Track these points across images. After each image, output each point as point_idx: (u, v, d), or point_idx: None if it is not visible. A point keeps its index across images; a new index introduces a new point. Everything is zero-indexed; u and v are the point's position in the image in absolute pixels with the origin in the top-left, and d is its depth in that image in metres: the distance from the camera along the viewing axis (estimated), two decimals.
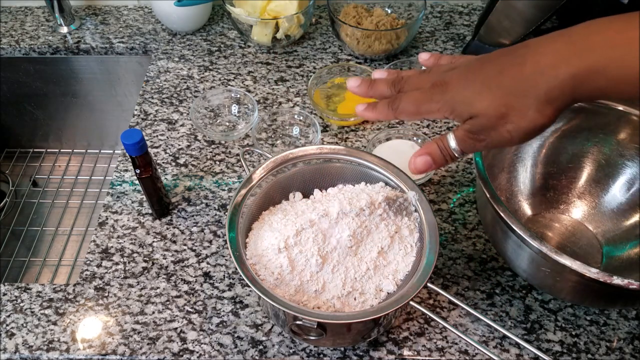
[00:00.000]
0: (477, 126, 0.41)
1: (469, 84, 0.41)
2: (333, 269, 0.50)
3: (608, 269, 0.58)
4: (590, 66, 0.36)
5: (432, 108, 0.42)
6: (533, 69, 0.38)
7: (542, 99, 0.37)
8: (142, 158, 0.60)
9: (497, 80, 0.39)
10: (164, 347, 0.56)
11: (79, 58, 0.93)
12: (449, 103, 0.42)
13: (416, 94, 0.44)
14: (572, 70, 0.36)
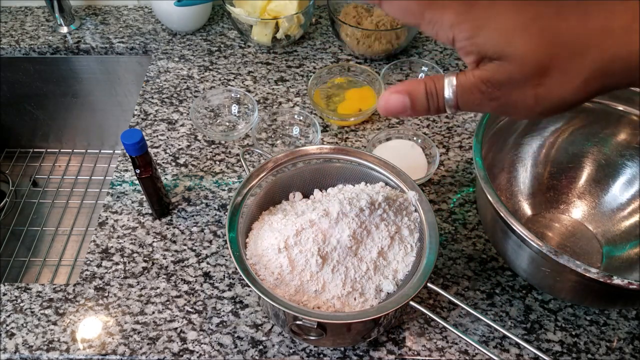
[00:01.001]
0: (500, 75, 0.30)
1: (512, 9, 0.29)
2: (333, 269, 0.50)
3: (608, 269, 0.58)
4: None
5: (445, 18, 0.30)
6: (601, 24, 0.28)
7: (598, 66, 0.28)
8: (142, 158, 0.60)
9: (553, 21, 0.29)
10: (164, 347, 0.56)
11: (79, 58, 0.93)
12: (474, 22, 0.29)
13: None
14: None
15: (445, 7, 0.30)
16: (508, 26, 0.29)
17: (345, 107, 0.78)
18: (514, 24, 0.29)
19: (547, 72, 0.29)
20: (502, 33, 0.29)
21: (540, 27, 0.29)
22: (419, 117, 0.79)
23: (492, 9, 0.29)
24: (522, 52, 0.29)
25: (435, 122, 0.78)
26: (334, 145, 0.58)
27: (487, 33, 0.29)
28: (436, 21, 0.30)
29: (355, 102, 0.78)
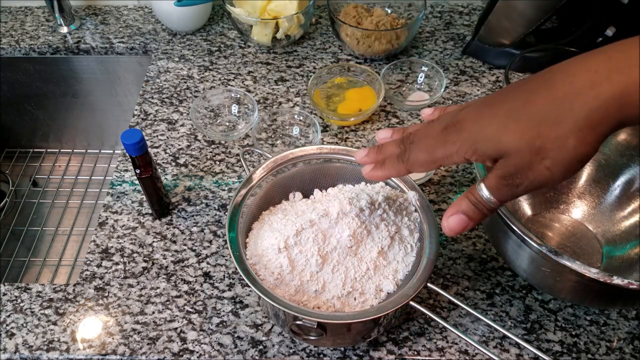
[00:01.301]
0: (509, 168, 0.35)
1: (490, 119, 0.36)
2: (333, 269, 0.50)
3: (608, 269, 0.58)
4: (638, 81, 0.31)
5: (449, 151, 0.37)
6: (566, 90, 0.33)
7: (581, 124, 0.32)
8: (142, 158, 0.60)
9: (524, 110, 0.34)
10: (164, 347, 0.56)
11: (79, 58, 0.93)
12: (468, 141, 0.36)
13: (427, 141, 0.39)
14: (616, 87, 0.31)
15: (446, 145, 0.38)
16: (493, 131, 0.35)
17: (345, 107, 0.78)
18: (496, 128, 0.35)
19: (542, 148, 0.33)
20: (492, 139, 0.35)
21: (516, 119, 0.34)
22: (418, 117, 0.79)
23: (476, 124, 0.36)
24: (513, 145, 0.34)
25: None
26: (334, 145, 0.58)
27: (482, 145, 0.36)
28: (448, 156, 0.38)
29: (355, 102, 0.78)
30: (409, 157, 0.40)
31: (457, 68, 0.86)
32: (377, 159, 0.43)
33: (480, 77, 0.84)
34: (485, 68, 0.86)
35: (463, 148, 0.36)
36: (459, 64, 0.87)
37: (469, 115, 0.37)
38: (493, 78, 0.84)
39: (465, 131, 0.36)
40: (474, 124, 0.36)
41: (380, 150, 0.44)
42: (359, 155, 0.45)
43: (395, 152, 0.42)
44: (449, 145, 0.37)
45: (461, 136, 0.36)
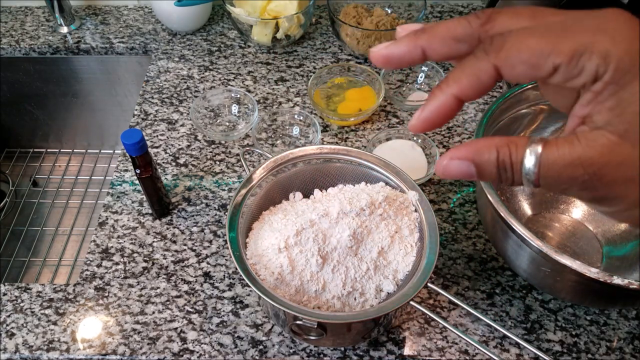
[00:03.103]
0: (614, 156, 0.22)
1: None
2: (333, 269, 0.50)
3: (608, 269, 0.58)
4: None
5: (577, 42, 0.22)
6: None
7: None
8: (142, 158, 0.60)
9: None
10: (164, 347, 0.56)
11: (79, 58, 0.93)
12: (599, 32, 0.22)
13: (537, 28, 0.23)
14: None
15: (570, 33, 0.23)
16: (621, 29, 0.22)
17: (345, 107, 0.78)
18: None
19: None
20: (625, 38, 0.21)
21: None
22: None
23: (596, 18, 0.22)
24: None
25: None
26: (334, 145, 0.58)
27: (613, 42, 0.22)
28: (572, 51, 0.22)
29: (355, 102, 0.78)
30: (503, 43, 0.23)
31: None
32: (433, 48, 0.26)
33: None
34: None
35: (594, 39, 0.22)
36: None
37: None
38: None
39: (590, 18, 0.22)
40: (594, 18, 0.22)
41: (436, 29, 0.26)
42: (380, 52, 0.28)
43: (465, 32, 0.25)
44: (576, 34, 0.22)
45: (586, 24, 0.22)
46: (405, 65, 0.27)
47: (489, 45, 0.24)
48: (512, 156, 0.24)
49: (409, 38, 0.26)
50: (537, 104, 0.63)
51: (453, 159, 0.26)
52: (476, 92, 0.24)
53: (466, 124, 0.77)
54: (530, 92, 0.61)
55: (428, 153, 0.71)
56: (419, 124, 0.26)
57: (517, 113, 0.62)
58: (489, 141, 0.25)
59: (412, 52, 0.26)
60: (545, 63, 0.22)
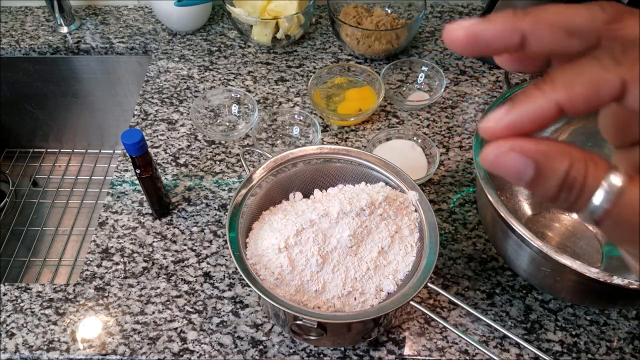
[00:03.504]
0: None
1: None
2: (333, 269, 0.50)
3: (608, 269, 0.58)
4: None
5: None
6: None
7: None
8: (142, 158, 0.60)
9: None
10: (164, 347, 0.56)
11: (79, 58, 0.93)
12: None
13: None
14: None
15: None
16: None
17: (345, 107, 0.78)
18: None
19: None
20: None
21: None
22: (418, 117, 0.79)
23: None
24: None
25: (435, 122, 0.78)
26: (334, 145, 0.58)
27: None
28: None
29: (355, 102, 0.78)
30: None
31: (457, 68, 0.86)
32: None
33: (480, 77, 0.84)
34: (485, 68, 0.86)
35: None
36: (459, 64, 0.87)
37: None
38: (493, 78, 0.84)
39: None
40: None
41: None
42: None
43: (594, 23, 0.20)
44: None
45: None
46: (492, 53, 0.21)
47: (622, 53, 0.18)
48: (587, 178, 0.19)
49: (507, 17, 0.20)
50: None
51: (514, 150, 0.20)
52: (589, 106, 0.19)
53: (466, 124, 0.77)
54: None
55: (428, 153, 0.71)
56: (499, 128, 0.20)
57: None
58: (564, 147, 0.19)
59: (508, 37, 0.20)
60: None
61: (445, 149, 0.74)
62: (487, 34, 0.20)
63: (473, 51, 0.21)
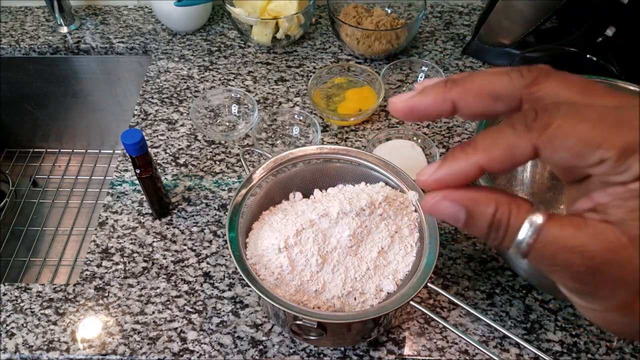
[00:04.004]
0: (621, 252, 0.21)
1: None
2: (333, 269, 0.50)
3: None
4: None
5: (630, 137, 0.20)
6: None
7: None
8: (142, 158, 0.60)
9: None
10: (164, 347, 0.56)
11: (79, 58, 0.93)
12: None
13: (592, 108, 0.21)
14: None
15: (625, 125, 0.20)
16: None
17: (345, 107, 0.78)
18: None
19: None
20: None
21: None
22: None
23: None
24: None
25: (435, 122, 0.78)
26: (334, 145, 0.58)
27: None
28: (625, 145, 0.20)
29: (355, 102, 0.78)
30: (549, 122, 0.21)
31: (457, 68, 0.86)
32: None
33: None
34: (485, 68, 0.86)
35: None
36: (459, 64, 0.87)
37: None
38: None
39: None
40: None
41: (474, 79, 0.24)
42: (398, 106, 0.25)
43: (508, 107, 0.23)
44: (631, 129, 0.20)
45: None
46: (429, 118, 0.25)
47: (532, 121, 0.21)
48: (510, 219, 0.22)
49: (438, 89, 0.23)
50: None
51: (446, 199, 0.23)
52: (506, 167, 0.22)
53: (466, 124, 0.77)
54: None
55: (428, 153, 0.71)
56: (430, 182, 0.23)
57: None
58: (490, 194, 0.22)
59: (440, 106, 0.23)
60: (592, 154, 0.20)
61: (445, 149, 0.74)
62: (422, 106, 0.24)
63: (413, 119, 0.25)
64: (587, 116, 0.20)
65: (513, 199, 0.22)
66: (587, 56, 0.74)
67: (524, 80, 0.22)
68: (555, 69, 0.23)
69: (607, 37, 0.78)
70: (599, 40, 0.79)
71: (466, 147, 0.22)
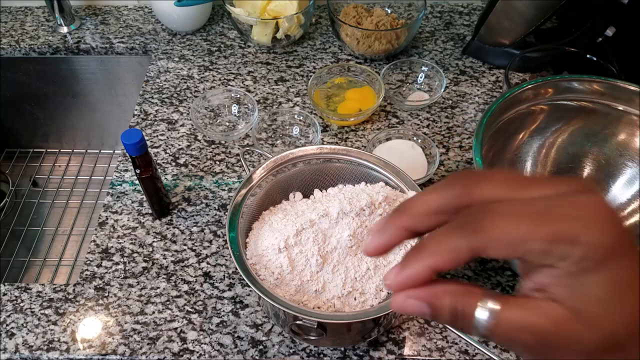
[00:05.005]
0: (567, 327, 0.23)
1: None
2: (333, 269, 0.50)
3: None
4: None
5: (560, 228, 0.23)
6: None
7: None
8: (142, 158, 0.60)
9: None
10: (164, 347, 0.56)
11: (79, 58, 0.93)
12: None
13: (519, 210, 0.24)
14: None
15: (556, 219, 0.23)
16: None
17: (345, 107, 0.78)
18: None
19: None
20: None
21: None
22: (418, 117, 0.79)
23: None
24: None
25: (435, 122, 0.78)
26: (334, 145, 0.58)
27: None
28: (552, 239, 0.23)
29: (355, 102, 0.78)
30: (479, 226, 0.24)
31: (457, 68, 0.86)
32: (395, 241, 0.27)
33: (480, 77, 0.84)
34: (485, 68, 0.86)
35: (570, 226, 0.23)
36: (459, 64, 0.87)
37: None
38: (493, 78, 0.84)
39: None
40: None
41: (416, 205, 0.27)
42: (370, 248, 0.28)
43: (447, 201, 0.26)
44: (553, 221, 0.23)
45: (563, 211, 0.23)
46: (393, 248, 0.28)
47: (466, 226, 0.24)
48: (465, 307, 0.25)
49: (390, 223, 0.27)
50: (537, 104, 0.63)
51: (410, 297, 0.26)
52: (453, 266, 0.25)
53: (466, 124, 0.77)
54: (530, 92, 0.61)
55: (428, 153, 0.71)
56: (394, 285, 0.26)
57: (517, 113, 0.62)
58: (446, 287, 0.25)
59: (398, 236, 0.27)
60: (520, 247, 0.23)
61: (445, 149, 0.74)
62: (385, 243, 0.27)
63: (386, 253, 0.28)
64: (512, 216, 0.23)
65: (468, 289, 0.25)
66: (587, 56, 0.74)
67: (456, 191, 0.25)
68: (481, 171, 0.27)
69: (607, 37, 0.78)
70: (599, 40, 0.79)
71: (417, 251, 0.25)
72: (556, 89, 0.62)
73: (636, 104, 0.59)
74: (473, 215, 0.24)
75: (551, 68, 0.80)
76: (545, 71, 0.81)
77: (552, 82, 0.61)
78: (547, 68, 0.81)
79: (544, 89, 0.62)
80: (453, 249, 0.24)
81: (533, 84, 0.61)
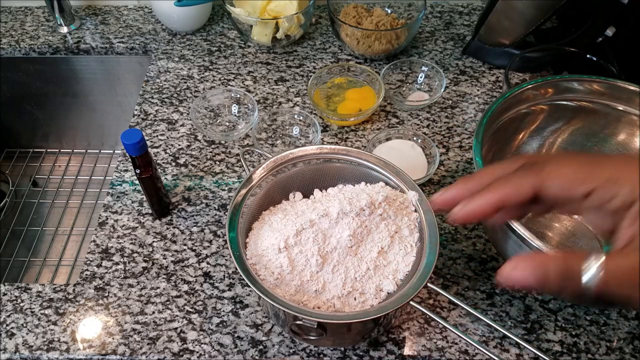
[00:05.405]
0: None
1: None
2: (333, 269, 0.50)
3: None
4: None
5: (605, 174, 0.27)
6: None
7: None
8: (142, 158, 0.60)
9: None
10: (164, 347, 0.56)
11: (79, 58, 0.93)
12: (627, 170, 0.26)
13: (573, 159, 0.30)
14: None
15: (600, 167, 0.27)
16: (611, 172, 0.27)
17: (345, 107, 0.78)
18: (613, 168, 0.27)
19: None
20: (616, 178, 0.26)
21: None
22: (418, 117, 0.79)
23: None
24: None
25: (435, 122, 0.78)
26: (334, 145, 0.58)
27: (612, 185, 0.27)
28: (605, 181, 0.27)
29: (355, 102, 0.78)
30: (543, 167, 0.28)
31: (457, 68, 0.86)
32: (476, 186, 0.31)
33: (480, 77, 0.84)
34: (485, 68, 0.86)
35: (624, 169, 0.26)
36: (459, 64, 0.87)
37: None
38: (493, 78, 0.84)
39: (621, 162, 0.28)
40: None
41: (483, 172, 0.32)
42: (441, 198, 0.34)
43: (511, 168, 0.31)
44: (606, 166, 0.27)
45: (614, 160, 0.28)
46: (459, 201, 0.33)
47: (531, 166, 0.29)
48: (572, 266, 0.26)
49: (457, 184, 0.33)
50: (537, 104, 0.63)
51: (515, 269, 0.28)
52: (517, 199, 0.28)
53: (466, 124, 0.77)
54: (530, 92, 0.61)
55: (428, 153, 0.71)
56: (462, 215, 0.31)
57: (517, 113, 0.62)
58: (545, 256, 0.28)
59: (462, 195, 0.33)
60: (578, 188, 0.27)
61: (445, 149, 0.74)
62: (452, 196, 0.35)
63: (447, 206, 0.36)
64: (572, 162, 0.28)
65: (564, 253, 0.28)
66: (587, 56, 0.74)
67: (530, 159, 0.32)
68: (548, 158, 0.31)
69: (607, 37, 0.78)
70: (599, 40, 0.79)
71: (482, 190, 0.30)
72: (556, 89, 0.62)
73: (636, 104, 0.59)
74: (537, 164, 0.29)
75: (551, 68, 0.80)
76: (545, 71, 0.81)
77: (552, 82, 0.61)
78: (547, 68, 0.81)
79: (544, 89, 0.62)
80: (517, 183, 0.29)
81: (533, 84, 0.61)
